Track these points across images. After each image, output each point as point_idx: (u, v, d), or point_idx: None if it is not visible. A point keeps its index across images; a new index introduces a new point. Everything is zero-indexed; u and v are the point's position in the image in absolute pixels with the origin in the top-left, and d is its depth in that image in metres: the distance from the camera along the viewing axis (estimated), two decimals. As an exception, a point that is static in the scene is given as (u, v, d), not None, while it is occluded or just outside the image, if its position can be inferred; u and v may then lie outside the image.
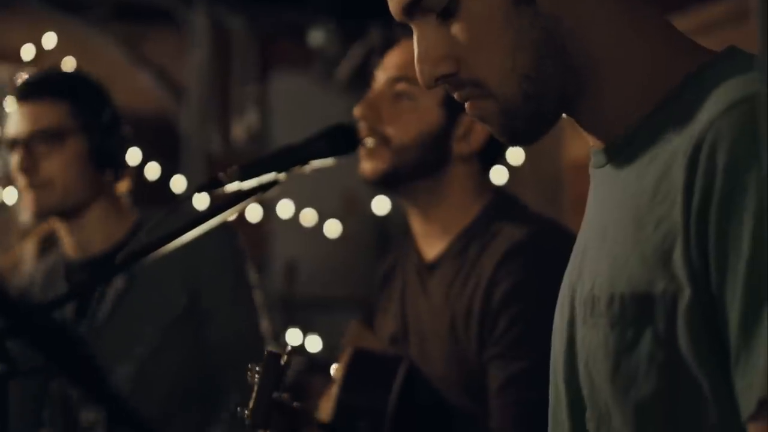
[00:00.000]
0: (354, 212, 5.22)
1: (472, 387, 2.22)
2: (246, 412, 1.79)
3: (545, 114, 1.35)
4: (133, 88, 5.69)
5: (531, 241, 2.22)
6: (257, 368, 1.81)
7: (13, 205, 4.54)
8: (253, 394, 1.80)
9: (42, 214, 2.89)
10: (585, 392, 1.35)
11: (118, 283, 2.82)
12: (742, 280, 1.15)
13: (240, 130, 5.86)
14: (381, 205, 4.55)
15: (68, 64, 4.46)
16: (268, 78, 6.11)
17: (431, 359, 2.30)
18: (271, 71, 6.14)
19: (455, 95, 1.38)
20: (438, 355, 2.29)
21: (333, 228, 5.18)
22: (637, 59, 1.33)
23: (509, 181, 4.78)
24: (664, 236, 1.22)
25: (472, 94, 1.36)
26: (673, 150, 1.25)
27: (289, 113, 5.73)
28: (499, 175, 4.73)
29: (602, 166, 1.38)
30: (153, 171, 4.64)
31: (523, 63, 1.31)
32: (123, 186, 3.00)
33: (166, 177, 4.77)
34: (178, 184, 4.79)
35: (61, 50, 4.61)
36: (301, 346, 4.70)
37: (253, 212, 5.04)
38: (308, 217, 5.14)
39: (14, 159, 2.84)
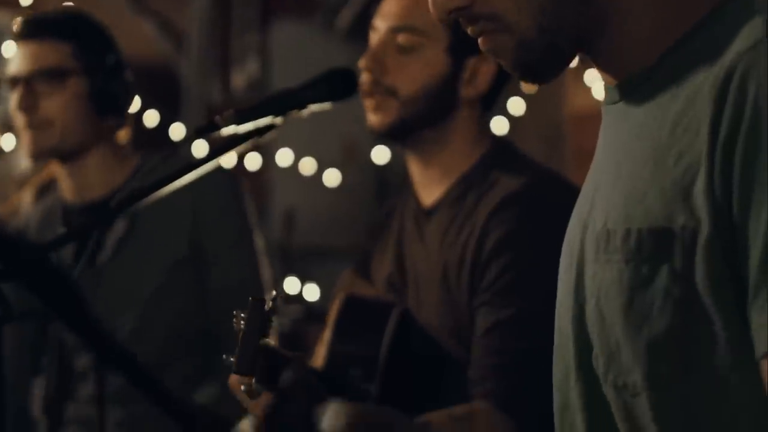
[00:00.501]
0: (354, 161, 5.21)
1: (463, 336, 2.21)
2: (232, 358, 1.79)
3: (561, 49, 1.32)
4: (134, 36, 5.65)
5: (527, 191, 2.21)
6: (242, 315, 1.80)
7: (11, 153, 4.53)
8: (238, 341, 1.80)
9: (40, 155, 2.88)
10: (594, 331, 1.33)
11: (119, 227, 2.82)
12: (766, 214, 1.13)
13: (240, 78, 5.85)
14: (381, 154, 4.54)
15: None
16: (269, 27, 6.09)
17: (425, 306, 2.30)
18: (272, 20, 6.11)
19: (468, 30, 1.35)
20: (431, 303, 2.28)
21: (332, 177, 5.17)
22: None
23: (510, 131, 4.77)
24: (685, 170, 1.20)
25: (487, 27, 1.33)
26: (697, 83, 1.23)
27: (289, 62, 5.70)
28: (500, 126, 4.73)
29: (617, 103, 1.36)
30: (152, 118, 4.62)
31: None
32: (123, 133, 2.99)
33: (165, 125, 4.76)
34: (177, 131, 4.77)
35: (61, -4, 4.58)
36: (299, 295, 4.71)
37: (253, 160, 5.03)
38: (307, 165, 5.13)
39: (14, 97, 2.82)
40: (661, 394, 1.25)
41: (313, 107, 1.98)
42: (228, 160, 4.71)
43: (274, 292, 1.87)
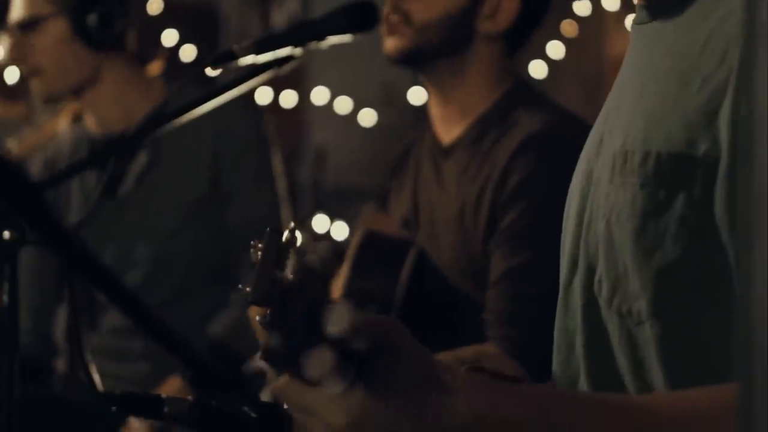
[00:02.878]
0: (390, 101, 5.17)
1: (478, 276, 2.20)
2: (247, 288, 1.78)
3: None
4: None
5: (547, 134, 2.18)
6: (259, 245, 1.79)
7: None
8: (254, 271, 1.79)
9: (47, 99, 2.92)
10: (601, 253, 1.30)
11: (141, 160, 2.82)
12: None
13: (280, 14, 5.81)
14: (417, 94, 4.50)
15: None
16: (310, -37, 6.04)
17: (440, 244, 2.28)
18: (313, -44, 6.06)
19: None
20: (447, 241, 2.27)
21: (368, 116, 5.14)
22: None
23: (549, 76, 4.71)
24: (711, 95, 1.17)
25: None
26: (730, 6, 1.19)
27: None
28: (538, 69, 4.68)
29: (647, 23, 1.33)
30: (189, 53, 4.61)
31: None
32: (156, 67, 2.99)
33: (202, 60, 4.74)
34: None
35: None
36: (327, 233, 4.70)
37: (288, 98, 5.01)
38: (343, 104, 5.10)
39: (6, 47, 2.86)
40: (666, 323, 1.22)
41: (333, 39, 1.95)
42: (263, 96, 4.70)
43: (292, 224, 1.85)
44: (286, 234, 1.81)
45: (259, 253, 1.80)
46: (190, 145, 2.73)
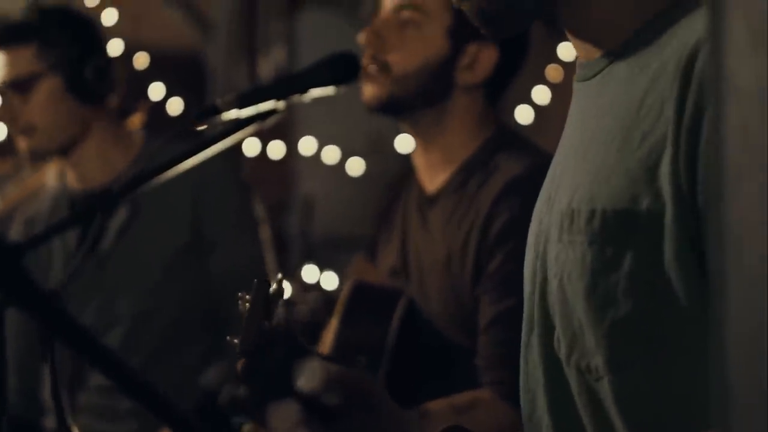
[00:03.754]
0: (378, 150, 5.18)
1: (467, 323, 2.20)
2: (235, 340, 1.78)
3: (523, 7, 1.33)
4: (161, 23, 5.66)
5: (529, 177, 2.19)
6: (247, 296, 1.79)
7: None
8: (242, 322, 1.79)
9: (35, 157, 2.91)
10: (557, 311, 1.31)
11: (121, 214, 2.82)
12: None
13: (267, 66, 5.83)
14: (405, 143, 4.51)
15: (92, -2, 4.44)
16: (295, 14, 6.07)
17: (429, 293, 2.29)
18: (298, 8, 6.09)
19: None
20: (435, 290, 2.27)
21: (356, 166, 5.15)
22: None
23: (535, 121, 4.73)
24: (650, 150, 1.19)
25: None
26: (663, 62, 1.22)
27: (315, 49, 5.67)
28: (525, 115, 4.69)
29: (588, 80, 1.35)
30: (176, 106, 4.61)
31: None
32: (137, 120, 2.99)
33: (190, 112, 4.75)
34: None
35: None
36: (317, 283, 4.69)
37: (276, 148, 5.02)
38: (331, 154, 5.11)
39: None
40: (623, 377, 1.23)
41: (316, 92, 1.97)
42: (251, 147, 4.71)
43: (279, 275, 1.86)
44: (273, 285, 1.82)
45: (247, 304, 1.80)
46: (170, 196, 2.72)
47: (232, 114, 1.95)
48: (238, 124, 1.95)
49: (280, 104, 1.95)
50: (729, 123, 0.69)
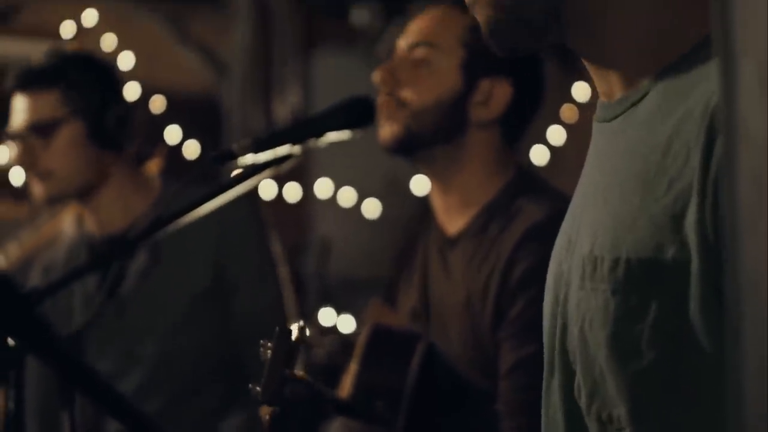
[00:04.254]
0: (394, 192, 5.19)
1: (487, 367, 2.19)
2: (257, 388, 1.78)
3: (533, 22, 1.31)
4: (176, 66, 5.69)
5: (550, 223, 2.18)
6: (269, 344, 1.79)
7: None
8: (264, 370, 1.79)
9: (51, 201, 2.90)
10: (578, 359, 1.29)
11: (142, 257, 2.82)
12: None
13: (282, 108, 5.85)
14: (420, 185, 4.52)
15: (108, 41, 4.47)
16: (310, 56, 6.10)
17: (450, 336, 2.28)
18: (313, 49, 6.12)
19: None
20: (456, 333, 2.27)
21: (372, 207, 5.16)
22: (654, 8, 1.28)
23: (550, 161, 4.74)
24: (676, 198, 1.16)
25: None
26: (688, 107, 1.19)
27: (331, 91, 5.69)
28: (540, 156, 4.70)
29: (609, 121, 1.33)
30: (192, 148, 4.64)
31: None
32: (155, 165, 3.00)
33: (206, 154, 4.77)
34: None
35: (102, 28, 4.61)
36: (334, 327, 4.69)
37: (292, 192, 5.03)
38: (347, 196, 5.12)
39: (15, 152, 2.84)
40: (647, 428, 1.21)
41: (332, 136, 1.98)
42: (267, 189, 4.73)
43: (301, 323, 1.86)
44: (295, 332, 1.82)
45: (269, 352, 1.81)
46: (190, 239, 2.72)
47: (249, 159, 1.95)
48: (255, 169, 1.96)
49: (297, 149, 1.96)
50: (741, 169, 0.69)
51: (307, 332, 1.85)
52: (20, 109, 2.82)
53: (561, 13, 1.30)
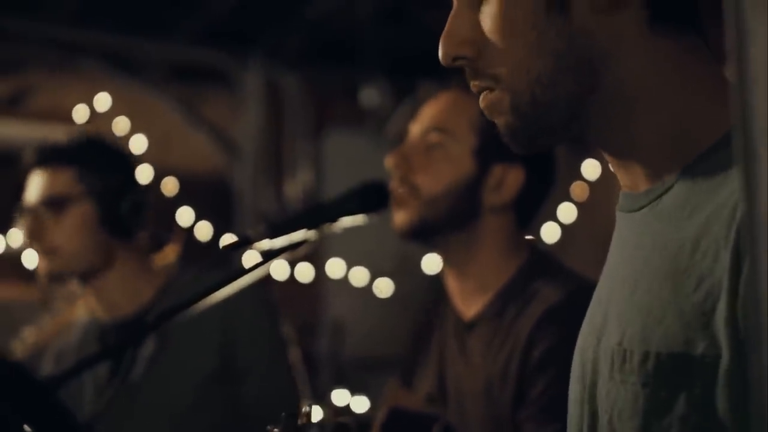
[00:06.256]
0: (406, 271, 5.20)
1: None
2: (266, 473, 1.77)
3: (554, 126, 1.30)
4: (188, 147, 5.73)
5: (567, 304, 2.18)
6: (275, 430, 1.78)
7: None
8: None
9: (51, 278, 2.89)
10: None
11: (150, 343, 2.81)
12: None
13: (294, 188, 5.88)
14: (432, 263, 4.53)
15: (121, 124, 4.51)
16: (321, 136, 6.14)
17: (468, 420, 2.27)
18: (324, 130, 6.16)
19: (471, 85, 1.35)
20: (474, 416, 2.25)
21: (385, 287, 5.16)
22: (678, 106, 1.27)
23: (562, 239, 4.74)
24: (706, 295, 1.15)
25: (486, 85, 1.33)
26: (717, 204, 1.19)
27: (342, 171, 5.74)
28: (551, 233, 4.71)
29: (633, 211, 1.32)
30: (205, 230, 4.65)
31: (538, 68, 1.27)
32: (171, 251, 3.00)
33: (218, 236, 4.78)
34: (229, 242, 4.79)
35: (115, 111, 4.65)
36: (347, 407, 4.68)
37: (305, 272, 5.04)
38: (359, 275, 5.13)
39: (24, 225, 2.85)
40: None
41: (346, 221, 1.98)
42: (279, 271, 4.73)
43: (306, 406, 1.85)
44: (302, 416, 1.81)
45: (276, 437, 1.80)
46: (198, 324, 2.71)
47: (264, 244, 1.95)
48: (270, 255, 1.96)
49: (312, 234, 1.96)
50: (765, 266, 0.69)
51: (316, 410, 1.84)
52: (36, 184, 2.83)
53: (582, 115, 1.30)
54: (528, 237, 2.41)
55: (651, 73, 1.28)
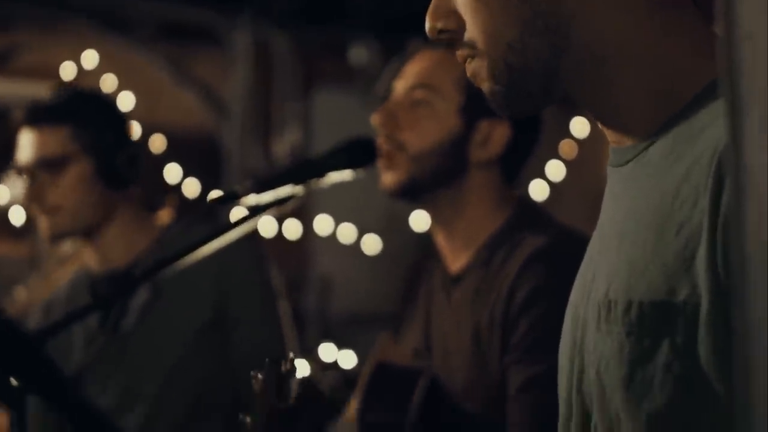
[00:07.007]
0: (393, 228, 5.21)
1: (494, 398, 2.19)
2: (247, 418, 1.79)
3: (532, 90, 1.33)
4: (176, 106, 5.72)
5: (551, 248, 2.20)
6: (259, 375, 1.80)
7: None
8: (254, 401, 1.80)
9: (56, 237, 2.90)
10: (594, 400, 1.31)
11: (143, 294, 2.82)
12: None
13: (282, 146, 5.88)
14: (420, 220, 4.53)
15: (108, 82, 4.50)
16: (310, 95, 6.13)
17: (454, 372, 2.28)
18: (313, 88, 6.15)
19: (457, 55, 1.39)
20: (461, 367, 2.27)
21: (372, 243, 5.17)
22: (659, 60, 1.29)
23: (550, 196, 4.75)
24: (686, 241, 1.17)
25: (467, 54, 1.37)
26: (697, 152, 1.21)
27: (330, 130, 5.72)
28: (539, 191, 4.72)
29: (621, 166, 1.34)
30: (193, 187, 4.65)
31: (508, 35, 1.31)
32: (166, 214, 3.01)
33: (206, 193, 4.78)
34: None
35: (102, 69, 4.64)
36: (335, 362, 4.69)
37: (293, 228, 5.04)
38: (347, 232, 5.14)
39: (22, 186, 2.85)
40: None
41: (333, 176, 1.98)
42: (267, 227, 4.74)
43: (291, 354, 1.87)
44: (285, 364, 1.83)
45: (259, 383, 1.82)
46: (192, 275, 2.72)
47: (252, 199, 1.96)
48: (257, 210, 1.97)
49: (299, 189, 1.97)
50: (749, 214, 0.70)
51: (302, 363, 1.85)
52: (28, 144, 2.82)
53: (562, 74, 1.32)
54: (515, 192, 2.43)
55: (624, 29, 1.30)
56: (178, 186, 4.59)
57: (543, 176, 4.72)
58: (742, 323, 0.72)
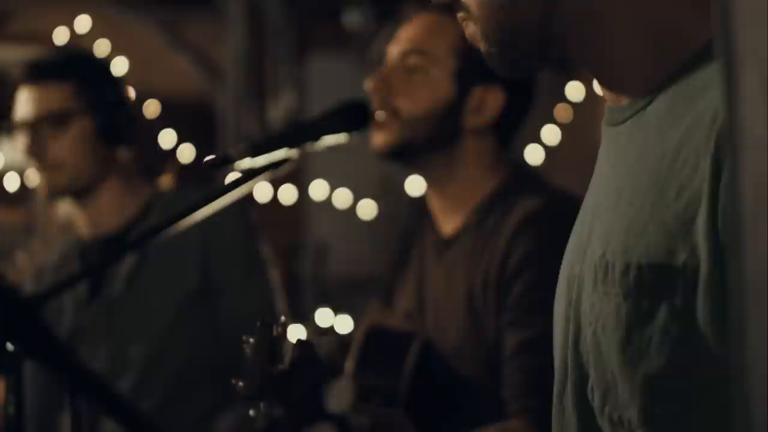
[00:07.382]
0: (389, 192, 5.19)
1: (488, 359, 2.19)
2: (239, 383, 1.78)
3: (527, 49, 1.34)
4: (170, 71, 5.70)
5: (545, 210, 2.20)
6: (251, 340, 1.79)
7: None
8: (246, 365, 1.79)
9: (54, 194, 2.91)
10: (590, 361, 1.30)
11: (131, 260, 2.82)
12: None
13: (276, 111, 5.85)
14: (415, 185, 4.52)
15: (102, 47, 4.47)
16: (304, 59, 6.11)
17: (446, 334, 2.29)
18: (307, 53, 6.13)
19: (458, 18, 1.39)
20: (454, 329, 2.27)
21: (367, 208, 5.16)
22: (655, 18, 1.29)
23: (546, 161, 4.74)
24: (687, 204, 1.17)
25: (464, 16, 1.38)
26: (697, 113, 1.20)
27: (325, 94, 5.70)
28: (534, 155, 4.71)
29: (618, 124, 1.34)
30: (187, 153, 4.64)
31: None
32: (166, 180, 3.02)
33: (201, 158, 4.75)
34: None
35: (96, 34, 4.61)
36: (331, 327, 4.70)
37: (288, 193, 5.03)
38: (342, 197, 5.13)
39: (23, 142, 2.85)
40: (657, 431, 1.21)
41: (328, 139, 1.97)
42: (262, 192, 4.73)
43: (283, 318, 1.86)
44: (277, 328, 1.82)
45: (250, 347, 1.81)
46: (178, 243, 2.71)
47: (245, 163, 1.95)
48: (251, 173, 1.96)
49: (293, 153, 1.95)
50: (745, 172, 0.69)
51: (298, 328, 1.84)
52: (29, 99, 2.83)
53: (556, 32, 1.31)
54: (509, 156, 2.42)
55: None
56: (173, 151, 4.57)
57: (538, 140, 4.71)
58: (737, 284, 0.72)
